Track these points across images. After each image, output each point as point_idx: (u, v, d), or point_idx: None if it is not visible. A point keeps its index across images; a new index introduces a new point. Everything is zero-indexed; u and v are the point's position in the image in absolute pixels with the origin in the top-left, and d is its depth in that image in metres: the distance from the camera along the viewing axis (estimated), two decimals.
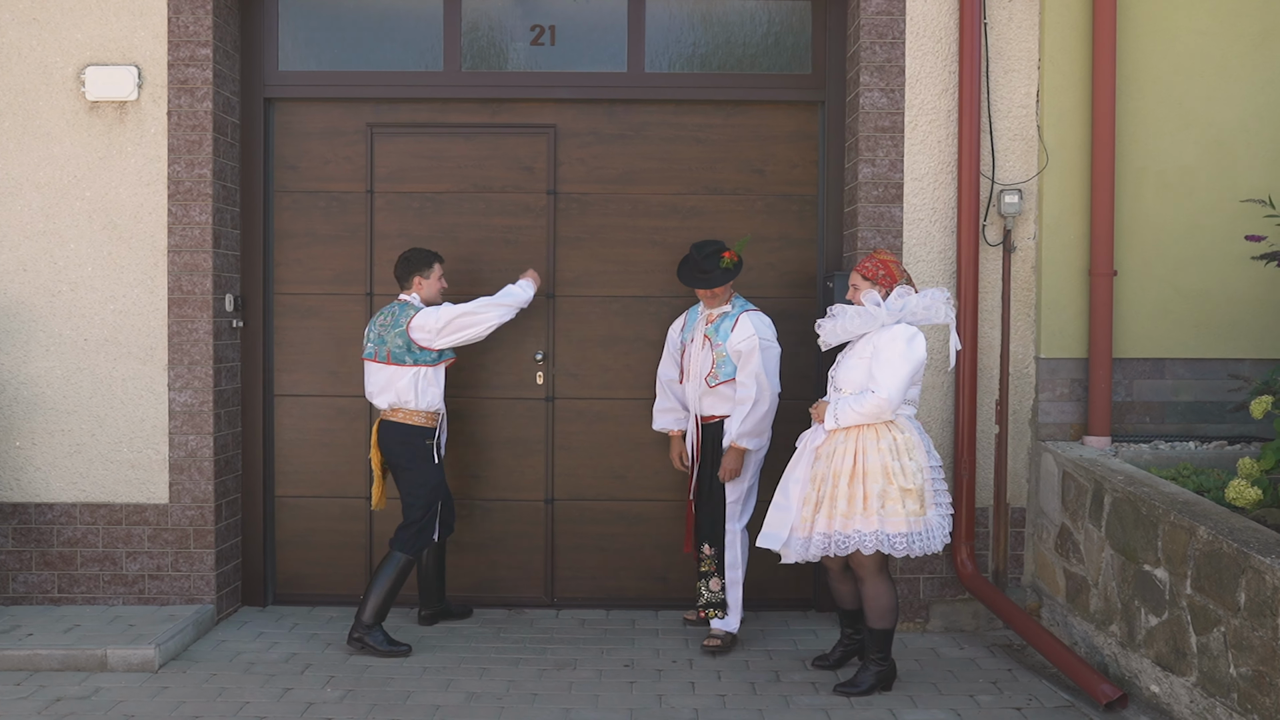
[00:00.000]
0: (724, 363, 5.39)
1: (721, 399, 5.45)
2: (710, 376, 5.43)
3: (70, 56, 5.73)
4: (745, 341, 5.32)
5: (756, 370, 5.30)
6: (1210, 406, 5.70)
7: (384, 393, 5.44)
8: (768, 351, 5.35)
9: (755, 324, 5.36)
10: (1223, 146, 5.66)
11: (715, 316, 5.46)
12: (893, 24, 5.68)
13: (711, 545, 5.52)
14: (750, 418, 5.32)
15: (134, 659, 5.12)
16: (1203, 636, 4.32)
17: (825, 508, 4.74)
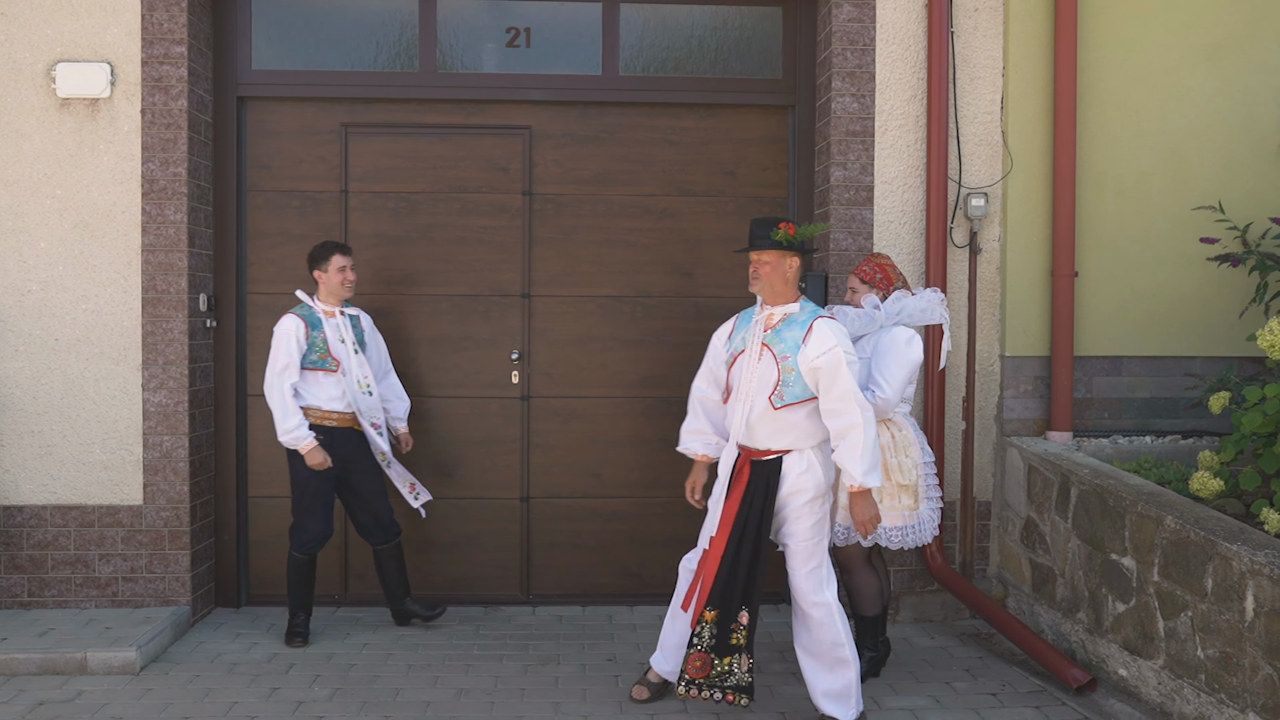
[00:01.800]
0: (793, 380, 4.37)
1: (786, 428, 4.41)
2: (775, 396, 4.37)
3: (40, 52, 5.66)
4: (826, 356, 4.28)
5: (849, 390, 4.28)
6: (1165, 403, 5.93)
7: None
8: (853, 366, 4.33)
9: (835, 333, 4.33)
10: (1176, 153, 5.90)
11: (777, 321, 4.45)
12: (863, 31, 5.82)
13: (751, 613, 4.46)
14: (860, 449, 4.27)
15: (115, 661, 5.08)
16: (1170, 621, 4.52)
17: None
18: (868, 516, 4.35)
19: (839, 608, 4.42)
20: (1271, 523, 4.39)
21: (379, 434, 5.58)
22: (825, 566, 4.45)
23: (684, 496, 6.22)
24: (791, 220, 4.43)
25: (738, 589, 4.42)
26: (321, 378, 5.44)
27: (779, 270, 4.42)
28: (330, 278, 5.47)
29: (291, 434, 5.34)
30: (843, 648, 4.40)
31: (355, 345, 5.52)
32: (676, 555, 6.23)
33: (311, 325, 5.44)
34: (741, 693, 4.44)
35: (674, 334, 6.23)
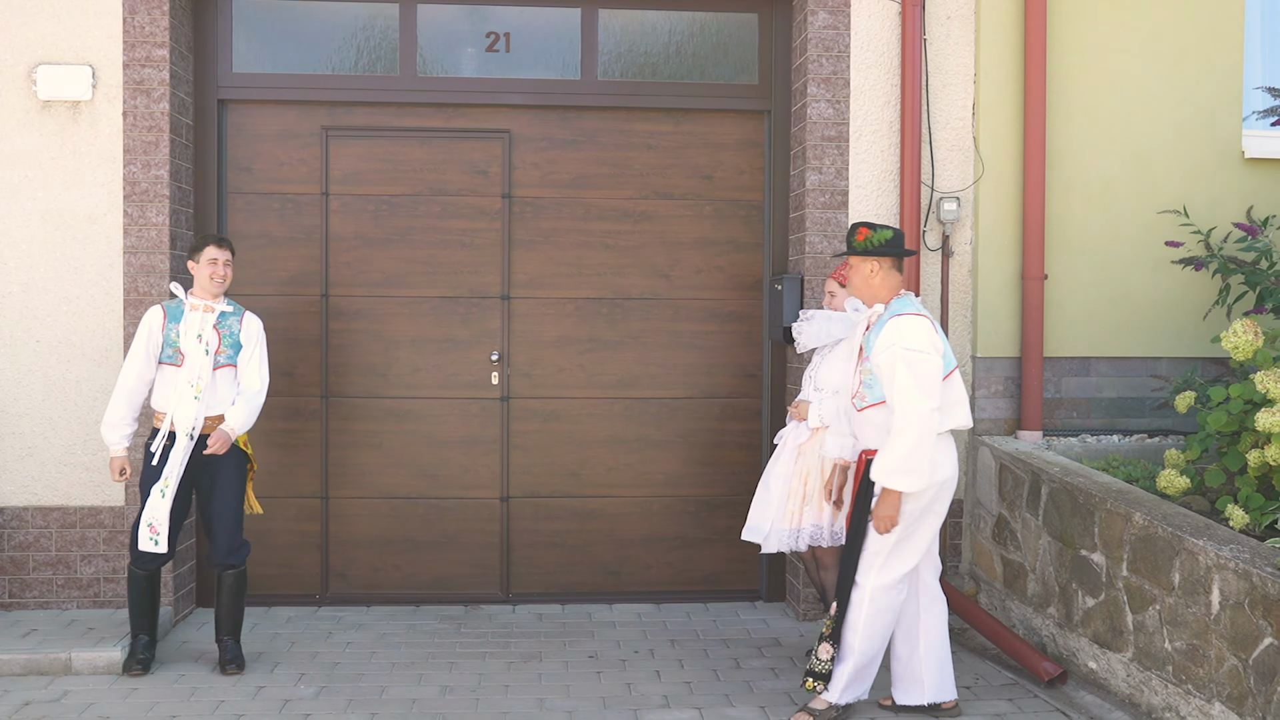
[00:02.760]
0: (870, 382, 4.45)
1: (875, 427, 4.47)
2: (856, 398, 4.51)
3: (21, 55, 5.67)
4: (885, 354, 4.29)
5: (899, 387, 4.26)
6: (1131, 402, 6.08)
7: None
8: (917, 364, 4.25)
9: (901, 330, 4.29)
10: (1142, 159, 6.05)
11: (873, 321, 4.51)
12: (838, 38, 5.93)
13: (838, 604, 4.60)
14: (894, 449, 4.26)
15: (99, 661, 5.11)
16: (1139, 615, 4.65)
17: (815, 501, 5.02)
18: (884, 514, 4.34)
19: (876, 603, 4.44)
20: (1236, 519, 4.53)
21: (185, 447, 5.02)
22: (889, 558, 4.43)
23: (663, 495, 6.34)
24: (868, 225, 4.49)
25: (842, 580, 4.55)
26: (168, 373, 5.05)
27: (860, 274, 4.53)
28: (200, 269, 5.09)
29: (104, 430, 5.06)
30: (854, 633, 4.47)
31: (218, 346, 5.09)
32: (655, 553, 6.34)
33: (171, 318, 5.07)
34: (817, 679, 4.55)
35: (652, 335, 6.32)
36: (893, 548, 4.44)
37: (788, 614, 6.15)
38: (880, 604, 4.45)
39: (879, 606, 4.46)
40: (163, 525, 4.98)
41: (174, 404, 5.00)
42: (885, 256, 4.49)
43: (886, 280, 4.50)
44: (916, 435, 4.21)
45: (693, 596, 6.35)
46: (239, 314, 5.20)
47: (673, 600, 6.33)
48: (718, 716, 4.68)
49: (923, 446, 4.22)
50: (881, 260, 4.49)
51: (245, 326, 5.20)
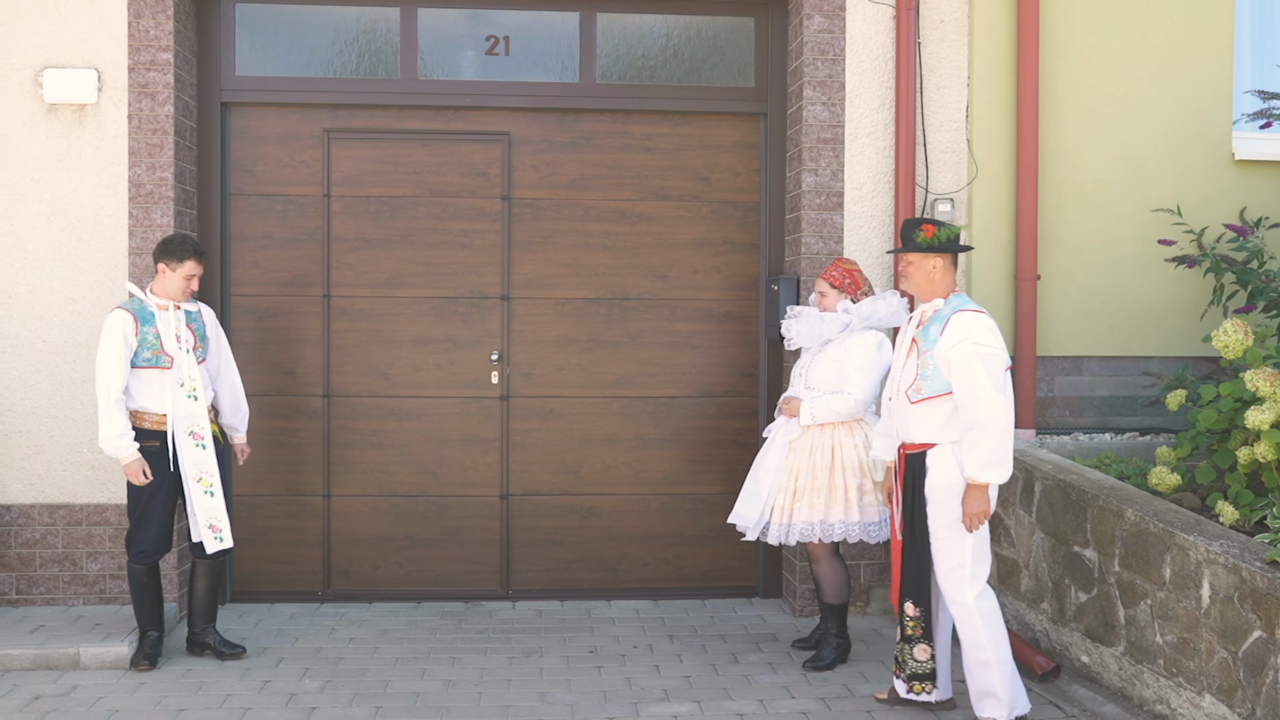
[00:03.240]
0: (930, 374, 4.43)
1: (925, 421, 4.49)
2: (912, 390, 4.48)
3: (27, 59, 5.74)
4: (957, 348, 4.33)
5: (977, 383, 4.29)
6: (1123, 401, 6.17)
7: None
8: (989, 360, 4.33)
9: (970, 326, 4.36)
10: (1134, 161, 6.14)
11: (928, 316, 4.54)
12: (834, 41, 6.02)
13: (917, 605, 4.61)
14: (983, 444, 4.31)
15: (107, 656, 5.18)
16: (1130, 609, 4.74)
17: (807, 498, 5.12)
18: (975, 510, 4.36)
19: (984, 610, 4.45)
20: (1226, 515, 4.62)
21: (199, 445, 5.14)
22: (972, 565, 4.45)
23: (660, 493, 6.42)
24: (933, 222, 4.54)
25: (903, 580, 4.59)
26: (154, 377, 5.06)
27: (922, 270, 4.55)
28: (175, 279, 5.10)
29: (112, 442, 4.96)
30: (982, 649, 4.43)
31: (192, 342, 5.16)
32: (653, 551, 6.42)
33: (142, 320, 5.05)
34: (922, 680, 4.61)
35: (650, 335, 6.39)
36: (974, 554, 4.46)
37: (784, 610, 6.23)
38: (988, 610, 4.46)
39: (988, 614, 4.46)
40: (223, 523, 5.16)
41: (170, 406, 5.08)
42: (949, 253, 4.55)
43: (946, 276, 4.55)
44: (1002, 427, 4.29)
45: (690, 593, 6.43)
46: (197, 309, 5.30)
47: (670, 596, 6.42)
48: (717, 709, 4.76)
49: (1007, 438, 4.31)
50: (944, 256, 4.55)
51: (208, 321, 5.33)
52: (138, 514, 5.12)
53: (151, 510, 5.11)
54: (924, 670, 4.62)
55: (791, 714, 4.72)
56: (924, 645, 4.60)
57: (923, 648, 4.61)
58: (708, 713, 4.73)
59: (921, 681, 4.63)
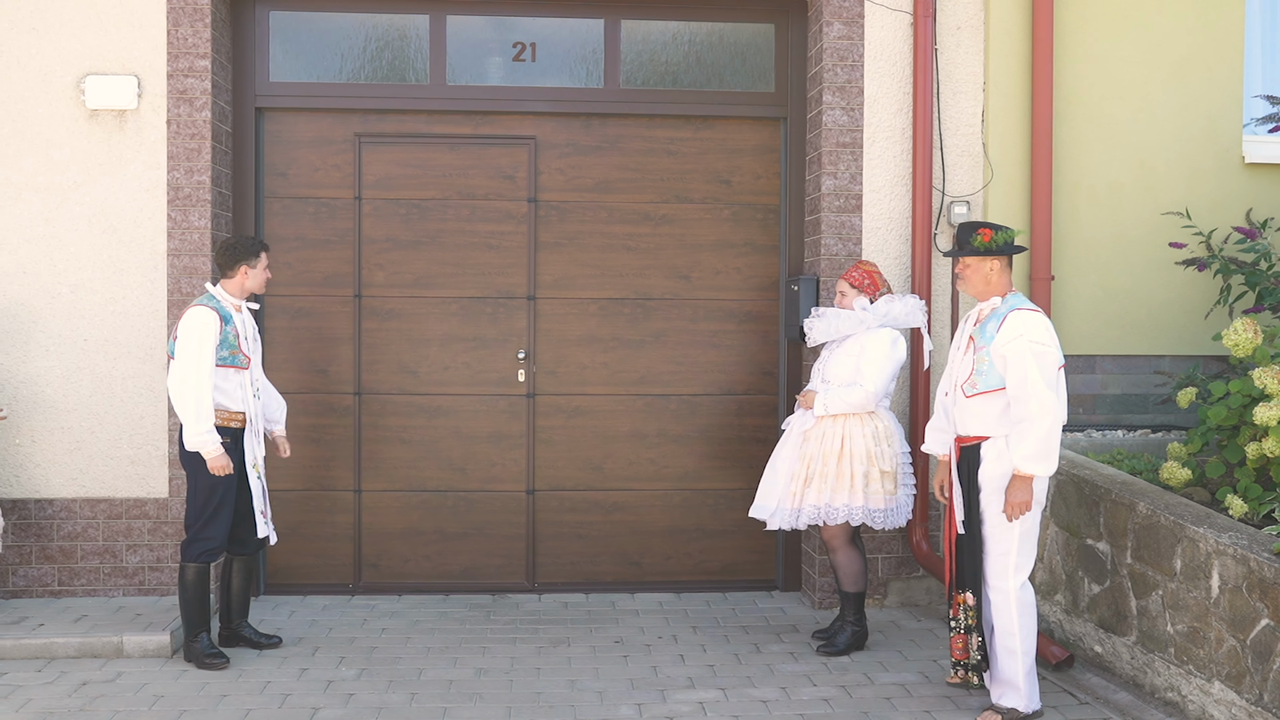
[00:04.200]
0: (985, 369, 4.59)
1: (980, 415, 4.65)
2: (968, 384, 4.64)
3: (70, 66, 5.92)
4: (1013, 344, 4.50)
5: (1029, 378, 4.45)
6: (1135, 399, 6.31)
7: None
8: (1043, 357, 4.48)
9: (1025, 323, 4.52)
10: (1146, 164, 6.28)
11: (985, 314, 4.70)
12: (852, 48, 6.17)
13: (975, 595, 4.74)
14: (1030, 436, 4.47)
15: (149, 645, 5.36)
16: (1142, 600, 4.88)
17: (816, 483, 5.34)
18: (1018, 499, 4.50)
19: (1022, 600, 4.60)
20: (1235, 508, 4.76)
21: (256, 435, 5.37)
22: (1017, 555, 4.60)
23: (682, 488, 6.57)
24: (990, 226, 4.69)
25: (964, 571, 4.74)
26: (232, 375, 5.20)
27: (979, 273, 4.70)
28: (258, 274, 5.29)
29: (202, 437, 5.04)
30: (1012, 638, 4.59)
31: (255, 342, 5.37)
32: (675, 545, 6.58)
33: (223, 319, 5.17)
34: (970, 670, 4.78)
35: (673, 334, 6.55)
36: (1020, 544, 4.60)
37: (803, 602, 6.38)
38: (1025, 601, 4.62)
39: (1025, 605, 4.62)
40: (268, 508, 5.46)
41: (248, 404, 5.29)
42: (1005, 256, 4.70)
43: (1002, 278, 4.69)
44: (1050, 422, 4.44)
45: (711, 586, 6.59)
46: (256, 308, 5.52)
47: (692, 589, 6.57)
48: (741, 697, 4.92)
49: (1055, 433, 4.46)
50: (1000, 258, 4.69)
51: (255, 322, 5.51)
52: (207, 513, 5.16)
53: (223, 507, 5.19)
54: (974, 661, 4.77)
55: (814, 701, 4.88)
56: (976, 635, 4.74)
57: (975, 638, 4.75)
58: (732, 700, 4.88)
59: (974, 671, 4.79)
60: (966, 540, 4.73)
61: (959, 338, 4.82)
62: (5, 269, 5.92)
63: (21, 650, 5.30)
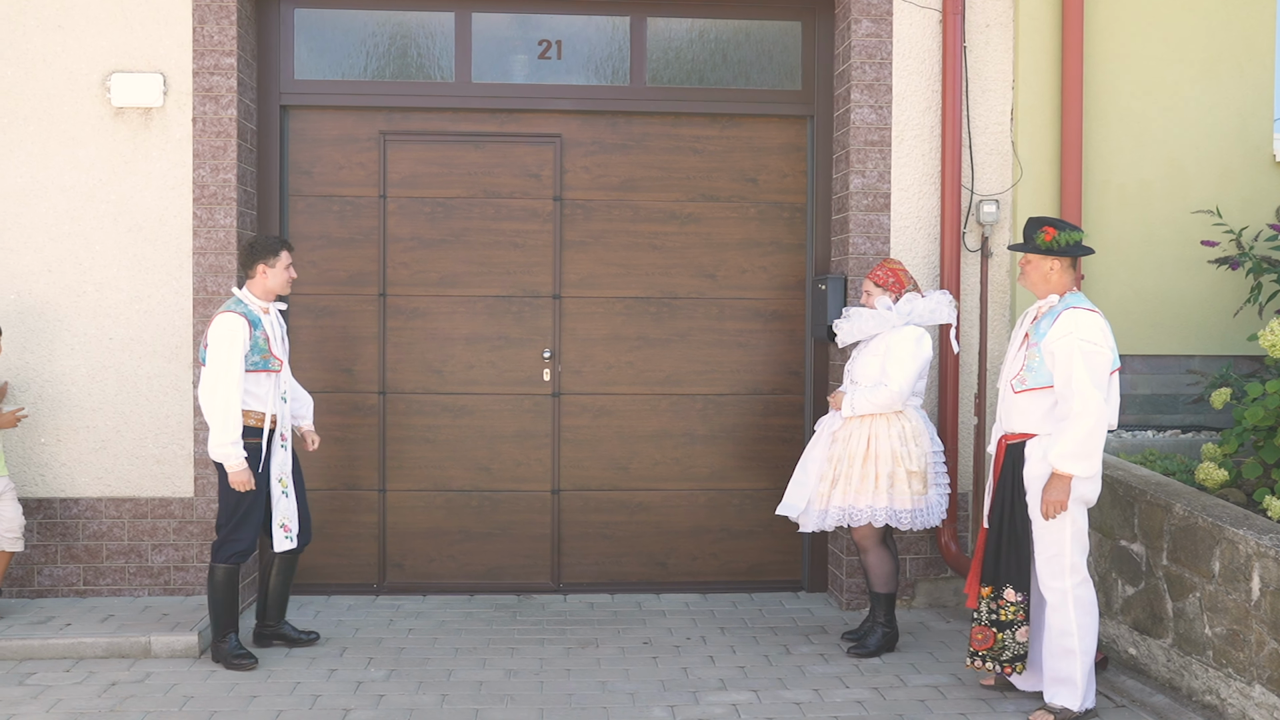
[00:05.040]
0: (1035, 366, 4.57)
1: (1026, 412, 4.63)
2: (1016, 380, 4.62)
3: (95, 64, 5.89)
4: (1062, 340, 4.47)
5: (1074, 376, 4.42)
6: (1165, 399, 6.26)
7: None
8: (1091, 356, 4.44)
9: (1079, 321, 4.49)
10: (1176, 162, 6.23)
11: (1043, 311, 4.67)
12: (881, 45, 6.13)
13: (1019, 590, 4.72)
14: (1070, 435, 4.43)
15: (177, 645, 5.33)
16: (1179, 602, 4.84)
17: (841, 485, 5.32)
18: (1053, 498, 4.48)
19: (1080, 599, 4.57)
20: (1274, 509, 4.71)
21: (282, 446, 5.25)
22: (1071, 555, 4.56)
23: (708, 488, 6.54)
24: (1055, 224, 4.63)
25: (1001, 566, 4.71)
26: (264, 379, 5.15)
27: (1040, 270, 4.67)
28: (278, 274, 5.19)
29: (226, 449, 4.99)
30: (1070, 637, 4.57)
31: (285, 344, 5.35)
32: (701, 545, 6.54)
33: (252, 323, 5.11)
34: (1020, 661, 4.75)
35: (698, 333, 6.52)
36: (1073, 544, 4.56)
37: (830, 603, 6.35)
38: (1084, 599, 4.59)
39: (1083, 603, 4.59)
40: (293, 522, 5.28)
41: (275, 408, 5.20)
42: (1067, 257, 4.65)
43: (1063, 277, 4.65)
44: (1093, 421, 4.40)
45: (737, 586, 6.56)
46: (284, 308, 5.49)
47: (718, 590, 6.54)
48: (774, 699, 4.88)
49: (1097, 433, 4.42)
50: (1063, 258, 4.65)
51: (283, 322, 5.43)
52: (238, 515, 5.13)
53: (253, 509, 5.16)
54: (1022, 651, 4.75)
55: (847, 703, 4.84)
56: (1025, 628, 4.73)
57: (1024, 630, 4.73)
58: (765, 701, 4.85)
59: (1017, 662, 4.75)
60: (1008, 537, 4.69)
61: (1016, 334, 4.80)
62: (31, 267, 5.89)
63: (50, 650, 5.27)
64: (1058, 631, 4.61)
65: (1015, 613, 4.73)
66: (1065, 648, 4.60)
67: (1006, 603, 4.73)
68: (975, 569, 4.84)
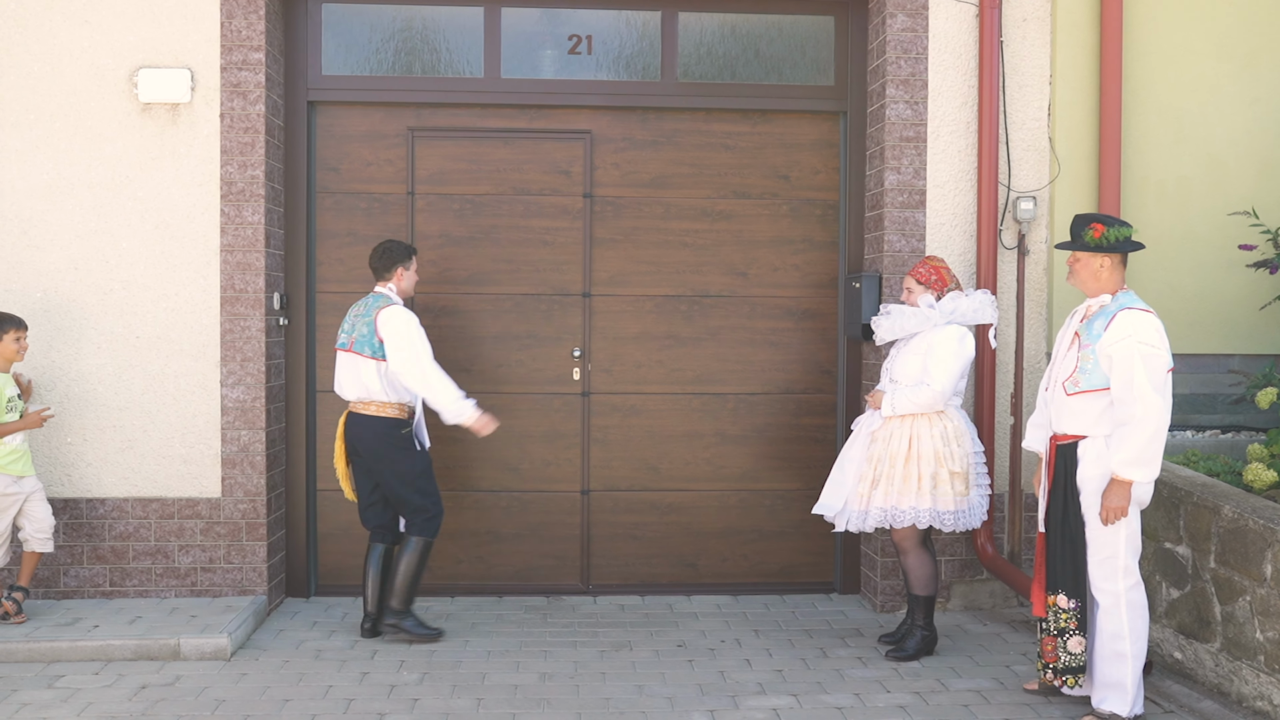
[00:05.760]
0: (1090, 368, 4.46)
1: (1079, 414, 4.52)
2: (1069, 382, 4.52)
3: (122, 59, 5.83)
4: (1120, 344, 4.37)
5: (1135, 380, 4.33)
6: (1203, 399, 6.17)
7: (352, 385, 5.44)
8: (1151, 359, 4.36)
9: (1135, 323, 4.40)
10: (1215, 159, 6.14)
11: (1094, 310, 4.57)
12: (916, 40, 6.04)
13: (1071, 597, 4.61)
14: (1132, 441, 4.34)
15: (207, 648, 5.26)
16: (1227, 606, 4.75)
17: (883, 485, 5.23)
18: (1114, 504, 4.38)
19: (1133, 602, 4.48)
20: None
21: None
22: (1125, 557, 4.47)
23: (739, 489, 6.46)
24: (1103, 220, 4.52)
25: (1055, 572, 4.60)
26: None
27: (1089, 268, 4.56)
28: (411, 276, 5.59)
29: (461, 405, 5.37)
30: (1121, 640, 4.48)
31: None
32: (732, 546, 6.46)
33: None
34: (1075, 673, 4.61)
35: (730, 332, 6.44)
36: (1127, 546, 4.47)
37: (864, 606, 6.27)
38: (1136, 602, 4.50)
39: (1135, 606, 4.50)
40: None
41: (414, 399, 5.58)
42: (1117, 254, 4.54)
43: (1113, 275, 4.55)
44: (1155, 427, 4.30)
45: (769, 588, 6.48)
46: None
47: (749, 592, 6.46)
48: (815, 703, 4.80)
49: (1159, 438, 4.33)
50: (1113, 255, 4.55)
51: None
52: (431, 490, 5.55)
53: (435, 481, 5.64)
54: (1076, 663, 4.61)
55: (889, 708, 4.76)
56: (1079, 638, 4.60)
57: (1077, 640, 4.60)
58: (806, 706, 4.77)
59: (1075, 675, 4.62)
60: (1060, 541, 4.60)
61: (1063, 333, 4.70)
62: (57, 265, 5.83)
63: (78, 652, 5.21)
64: (1109, 635, 4.52)
65: (1068, 620, 4.62)
66: (1116, 651, 4.51)
67: (1059, 610, 4.64)
68: (1039, 576, 4.73)
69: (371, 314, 5.39)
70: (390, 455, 5.42)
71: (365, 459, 5.46)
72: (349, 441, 5.50)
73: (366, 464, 5.48)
